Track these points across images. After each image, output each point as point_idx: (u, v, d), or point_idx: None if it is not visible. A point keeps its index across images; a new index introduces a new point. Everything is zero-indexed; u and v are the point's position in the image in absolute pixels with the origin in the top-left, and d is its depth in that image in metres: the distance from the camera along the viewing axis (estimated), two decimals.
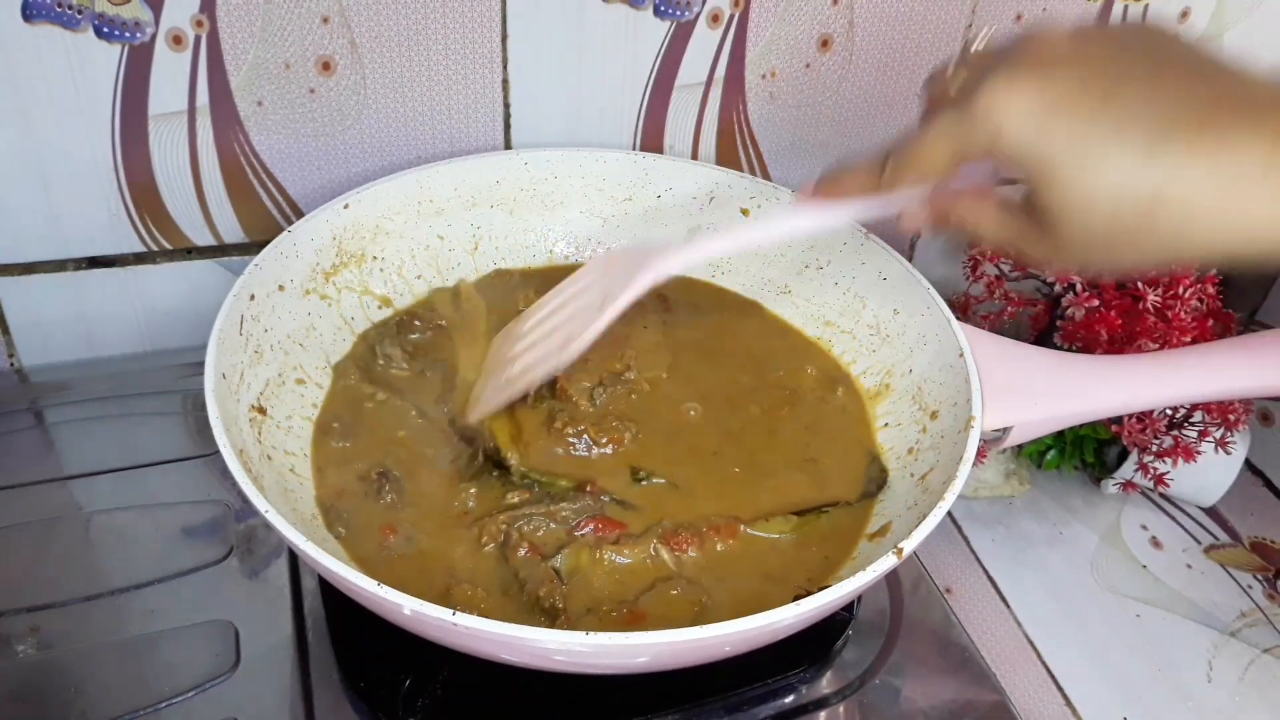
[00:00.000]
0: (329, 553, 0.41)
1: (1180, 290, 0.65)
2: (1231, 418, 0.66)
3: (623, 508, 0.52)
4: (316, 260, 0.60)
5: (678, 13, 0.67)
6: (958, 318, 0.56)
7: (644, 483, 0.54)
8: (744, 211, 0.67)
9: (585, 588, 0.48)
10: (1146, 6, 0.76)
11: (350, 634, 0.51)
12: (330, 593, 0.52)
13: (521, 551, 0.49)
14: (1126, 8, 0.75)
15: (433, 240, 0.65)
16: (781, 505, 0.53)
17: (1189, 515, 0.73)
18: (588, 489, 0.52)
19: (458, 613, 0.38)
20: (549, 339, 0.55)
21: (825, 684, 0.52)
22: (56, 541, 0.55)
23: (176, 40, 0.59)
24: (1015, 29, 0.74)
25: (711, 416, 0.58)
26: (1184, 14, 0.77)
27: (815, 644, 0.53)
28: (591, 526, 0.51)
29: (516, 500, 0.51)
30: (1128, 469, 0.70)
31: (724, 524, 0.52)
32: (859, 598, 0.56)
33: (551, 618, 0.46)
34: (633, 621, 0.47)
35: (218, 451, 0.45)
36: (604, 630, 0.39)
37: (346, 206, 0.61)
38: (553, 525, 0.50)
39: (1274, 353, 0.53)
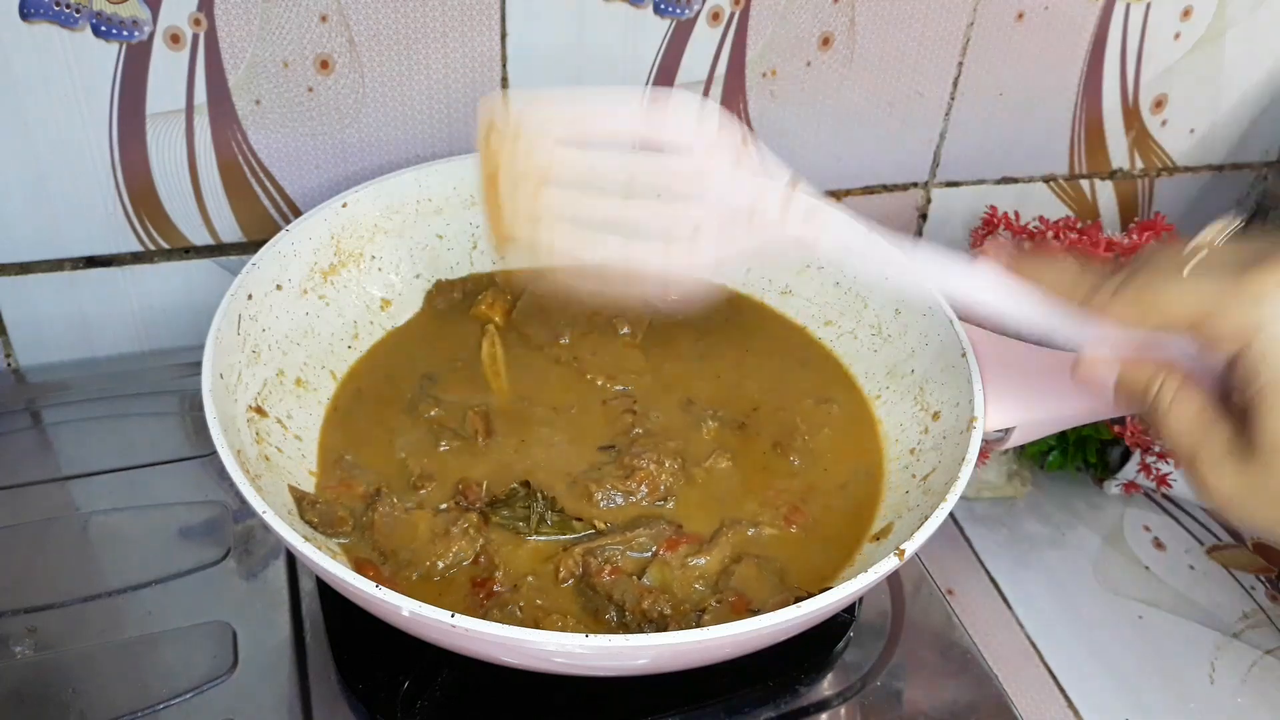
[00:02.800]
0: (326, 554, 0.40)
1: None
2: None
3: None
4: (315, 260, 0.59)
5: (678, 10, 0.66)
6: (959, 317, 0.56)
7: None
8: None
9: (683, 592, 0.49)
10: (1149, 6, 0.76)
11: (348, 636, 0.50)
12: (328, 594, 0.52)
13: (606, 575, 0.49)
14: (1129, 7, 0.75)
15: (431, 239, 0.65)
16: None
17: (1191, 516, 0.73)
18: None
19: (456, 615, 0.38)
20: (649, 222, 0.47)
21: (826, 686, 0.52)
22: (54, 542, 0.55)
23: (174, 39, 0.58)
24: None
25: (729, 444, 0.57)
26: (1185, 13, 0.77)
27: (816, 646, 0.53)
28: (670, 547, 0.50)
29: (590, 532, 0.51)
30: (1130, 470, 0.70)
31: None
32: (860, 599, 0.56)
33: (660, 626, 0.47)
34: (739, 609, 0.47)
35: (215, 452, 0.44)
36: (717, 623, 0.39)
37: (345, 205, 0.61)
38: (630, 553, 0.50)
39: None
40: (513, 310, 0.63)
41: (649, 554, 0.50)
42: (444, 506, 0.51)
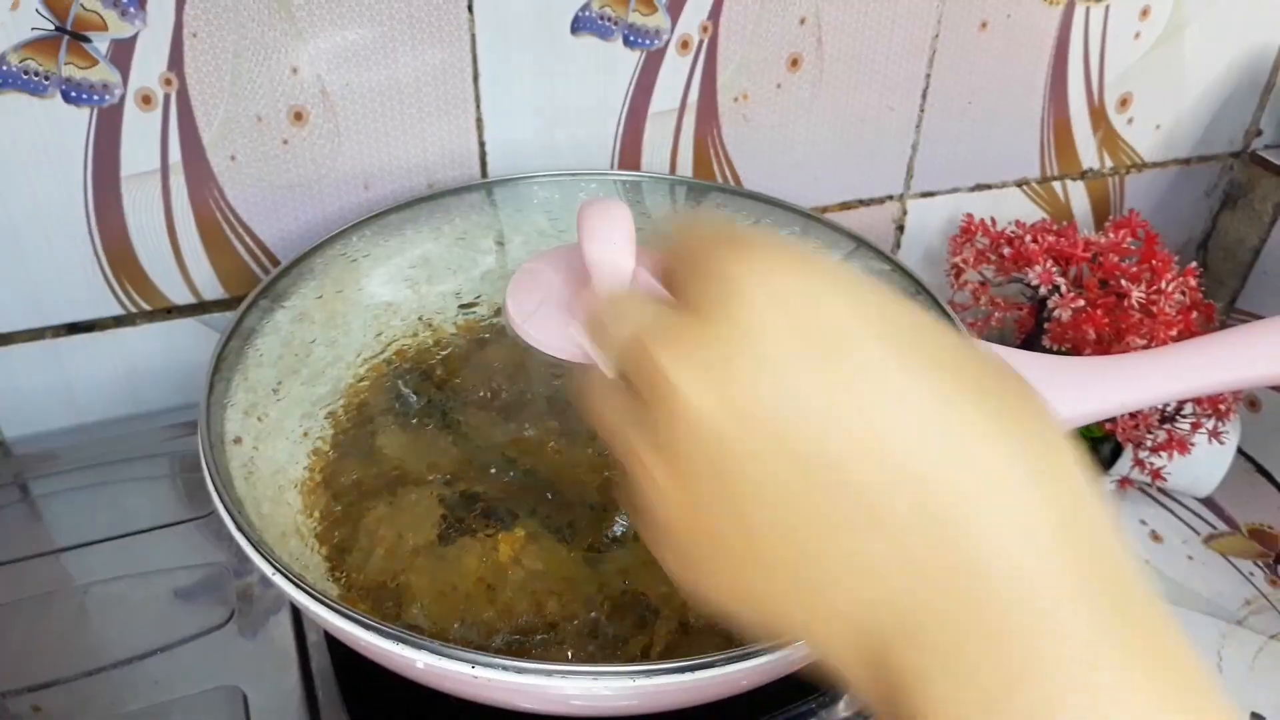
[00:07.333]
0: (333, 604, 0.40)
1: (1163, 284, 0.66)
2: (1222, 408, 0.66)
3: None
4: (305, 299, 0.59)
5: (647, 42, 0.67)
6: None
7: None
8: None
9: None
10: (1108, 8, 0.77)
11: (361, 687, 0.50)
12: (336, 645, 0.51)
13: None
14: (1088, 10, 0.76)
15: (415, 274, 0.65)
16: None
17: (1186, 507, 0.74)
18: None
19: (477, 665, 0.37)
20: None
21: (842, 708, 0.52)
22: (52, 617, 0.54)
23: (146, 100, 0.58)
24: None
25: None
26: (1144, 12, 0.78)
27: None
28: None
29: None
30: (1123, 465, 0.70)
31: None
32: None
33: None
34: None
35: (210, 513, 0.44)
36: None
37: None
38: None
39: (1263, 343, 0.53)
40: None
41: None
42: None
